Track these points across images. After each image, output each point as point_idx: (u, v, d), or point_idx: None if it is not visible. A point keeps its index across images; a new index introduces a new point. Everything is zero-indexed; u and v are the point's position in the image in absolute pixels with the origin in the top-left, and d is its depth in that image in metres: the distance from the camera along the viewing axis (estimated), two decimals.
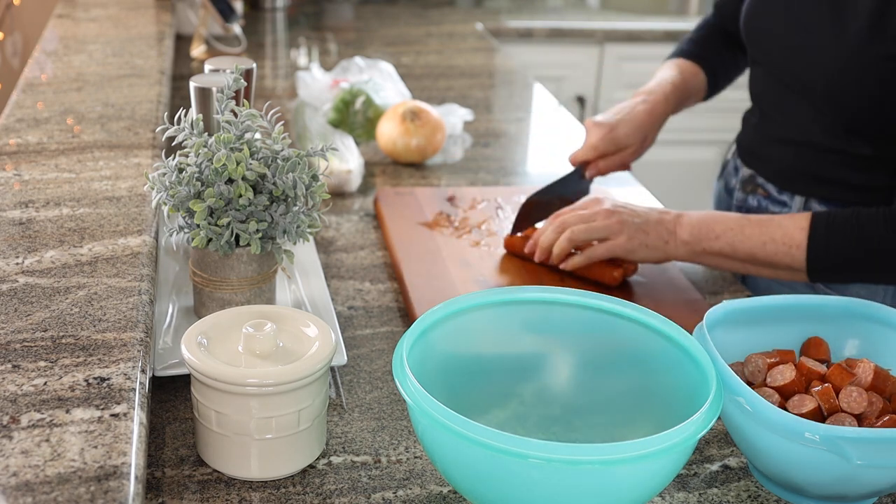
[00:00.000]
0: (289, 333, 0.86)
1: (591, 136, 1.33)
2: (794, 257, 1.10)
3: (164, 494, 0.81)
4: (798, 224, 1.11)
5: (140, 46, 1.75)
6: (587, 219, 1.16)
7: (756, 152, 1.36)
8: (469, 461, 0.72)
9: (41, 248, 0.97)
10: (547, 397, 0.90)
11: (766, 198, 1.34)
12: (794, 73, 1.24)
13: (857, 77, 1.15)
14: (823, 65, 1.18)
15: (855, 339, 0.94)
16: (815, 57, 1.19)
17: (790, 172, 1.30)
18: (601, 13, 3.02)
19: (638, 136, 1.34)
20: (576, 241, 1.15)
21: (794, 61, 1.24)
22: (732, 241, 1.12)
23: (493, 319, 0.89)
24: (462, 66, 2.21)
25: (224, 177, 0.94)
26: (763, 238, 1.11)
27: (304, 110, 1.65)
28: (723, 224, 1.13)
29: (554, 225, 1.18)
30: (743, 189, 1.39)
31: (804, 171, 1.28)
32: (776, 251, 1.11)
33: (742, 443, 0.83)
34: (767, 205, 1.34)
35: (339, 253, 1.26)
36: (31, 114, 1.35)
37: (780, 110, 1.30)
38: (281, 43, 2.40)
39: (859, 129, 1.20)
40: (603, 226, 1.14)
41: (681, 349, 0.83)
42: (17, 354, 0.80)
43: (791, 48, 1.24)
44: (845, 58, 1.16)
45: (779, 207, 1.32)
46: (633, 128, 1.33)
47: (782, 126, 1.30)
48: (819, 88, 1.20)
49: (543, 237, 1.18)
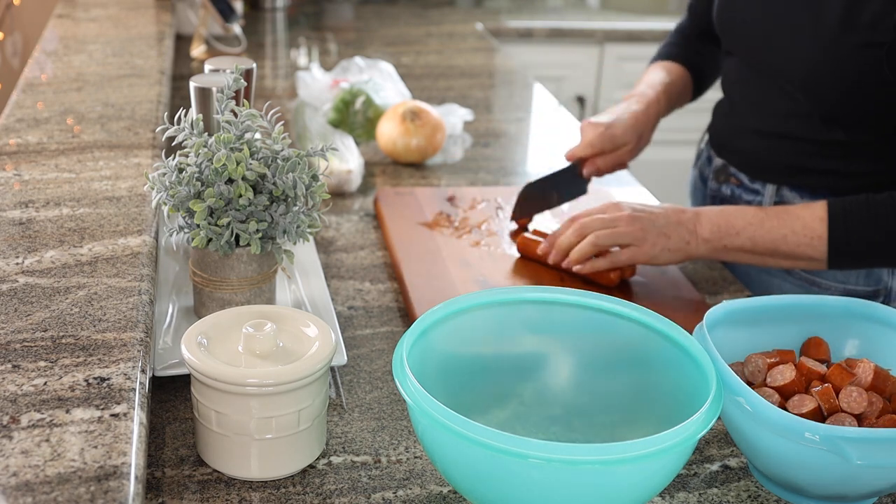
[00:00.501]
0: (289, 333, 0.86)
1: (586, 134, 1.33)
2: (815, 248, 1.12)
3: (164, 494, 0.81)
4: (816, 214, 1.12)
5: (140, 46, 1.75)
6: (609, 224, 1.15)
7: (728, 143, 1.38)
8: (469, 461, 0.72)
9: (41, 248, 0.97)
10: (547, 397, 0.90)
11: (738, 186, 1.36)
12: (770, 63, 1.25)
13: (835, 66, 1.16)
14: (800, 54, 1.19)
15: (855, 339, 0.94)
16: (791, 46, 1.20)
17: (763, 162, 1.31)
18: (601, 13, 3.02)
19: (633, 135, 1.34)
20: (600, 246, 1.14)
21: (769, 52, 1.24)
22: (753, 236, 1.13)
23: (493, 319, 0.89)
24: (462, 66, 2.21)
25: (224, 177, 0.94)
26: (783, 231, 1.12)
27: (304, 110, 1.65)
28: (742, 219, 1.14)
29: (573, 228, 1.17)
30: (716, 179, 1.40)
31: (777, 160, 1.29)
32: (798, 243, 1.12)
33: (742, 443, 0.83)
34: (741, 193, 1.35)
35: (339, 253, 1.26)
36: (31, 114, 1.35)
37: (752, 101, 1.31)
38: (281, 43, 2.40)
39: (836, 117, 1.20)
40: (627, 232, 1.13)
41: (681, 349, 0.83)
42: (17, 354, 0.80)
43: (767, 38, 1.24)
44: (822, 47, 1.16)
45: (752, 196, 1.33)
46: (629, 126, 1.33)
47: (754, 116, 1.31)
48: (796, 78, 1.20)
49: (562, 239, 1.17)
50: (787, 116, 1.25)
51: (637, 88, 1.43)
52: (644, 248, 1.14)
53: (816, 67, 1.17)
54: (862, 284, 1.26)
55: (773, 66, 1.25)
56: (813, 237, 1.12)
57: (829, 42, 1.15)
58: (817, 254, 1.12)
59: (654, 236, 1.13)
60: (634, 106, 1.36)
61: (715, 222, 1.14)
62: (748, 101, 1.32)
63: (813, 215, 1.12)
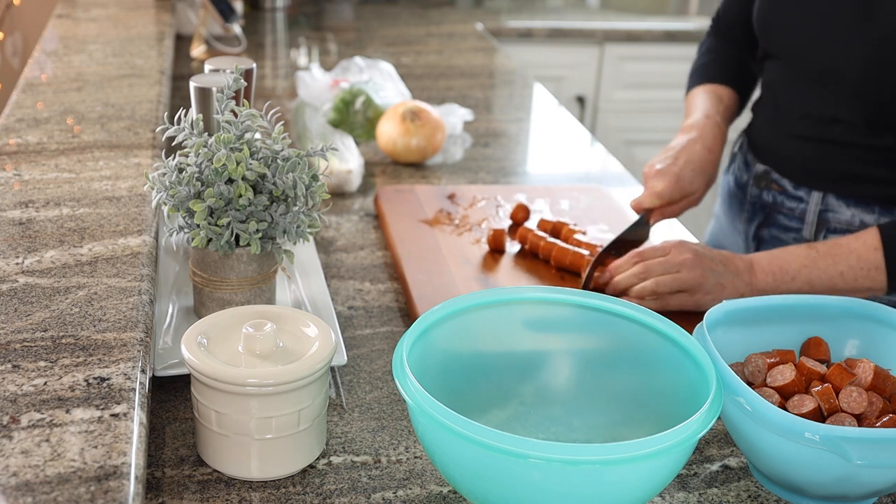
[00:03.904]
0: (289, 333, 0.86)
1: (655, 184, 1.24)
2: (874, 279, 1.10)
3: (164, 494, 0.81)
4: (869, 245, 1.09)
5: (140, 46, 1.75)
6: (672, 269, 1.09)
7: (770, 147, 1.34)
8: (469, 461, 0.72)
9: (41, 248, 0.97)
10: (547, 397, 0.90)
11: (781, 193, 1.32)
12: (818, 64, 1.21)
13: (887, 65, 1.13)
14: (852, 53, 1.15)
15: (855, 339, 0.94)
16: (842, 46, 1.17)
17: (808, 168, 1.28)
18: (601, 13, 3.02)
19: (703, 180, 1.26)
20: (660, 291, 1.09)
21: (818, 52, 1.21)
22: (810, 278, 1.10)
23: (494, 319, 0.89)
24: (462, 66, 2.21)
25: (224, 177, 0.94)
26: (839, 268, 1.10)
27: (304, 110, 1.65)
28: (795, 262, 1.10)
29: (637, 269, 1.11)
30: (757, 185, 1.37)
31: (822, 166, 1.26)
32: (855, 277, 1.10)
33: (742, 443, 0.83)
34: (783, 200, 1.32)
35: (339, 253, 1.26)
36: (31, 114, 1.35)
37: (798, 104, 1.28)
38: (281, 43, 2.40)
39: (886, 120, 1.17)
40: (688, 279, 1.08)
41: (681, 349, 0.83)
42: (17, 354, 0.80)
43: (813, 39, 1.20)
44: (877, 44, 1.13)
45: (794, 203, 1.31)
46: (698, 172, 1.25)
47: (799, 120, 1.28)
48: (847, 78, 1.17)
49: (622, 277, 1.11)
50: (834, 121, 1.22)
51: (691, 117, 1.35)
52: (697, 297, 1.09)
53: (867, 67, 1.14)
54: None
55: (819, 68, 1.21)
56: (870, 269, 1.09)
57: (881, 40, 1.12)
58: (877, 284, 1.10)
59: (710, 285, 1.09)
60: (698, 145, 1.27)
61: (768, 271, 1.10)
62: (792, 104, 1.28)
63: (866, 246, 1.09)
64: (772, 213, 1.36)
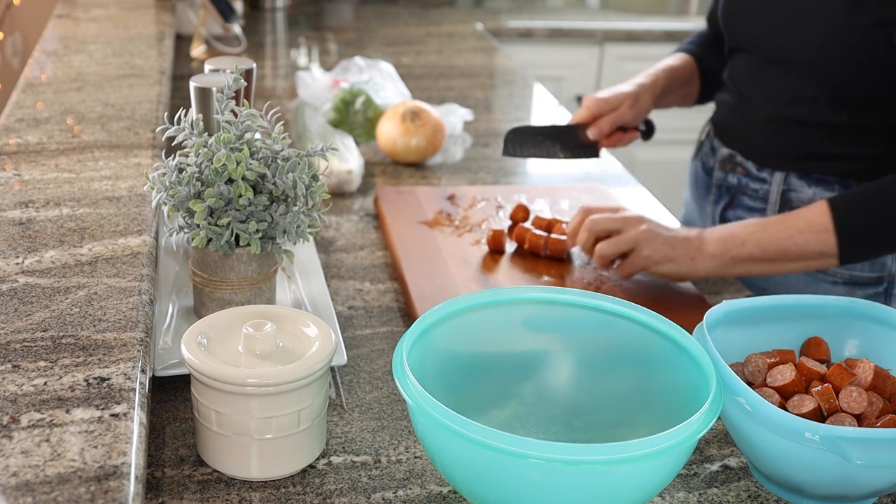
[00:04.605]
0: (289, 333, 0.86)
1: (584, 103, 1.38)
2: (825, 242, 1.11)
3: (164, 494, 0.81)
4: (818, 209, 1.12)
5: (140, 46, 1.75)
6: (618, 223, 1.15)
7: (735, 131, 1.39)
8: (469, 461, 0.72)
9: (41, 248, 0.97)
10: (547, 397, 0.90)
11: (745, 175, 1.36)
12: (779, 48, 1.26)
13: (846, 46, 1.16)
14: (810, 37, 1.19)
15: (855, 339, 0.94)
16: (801, 30, 1.21)
17: (771, 149, 1.32)
18: (601, 13, 3.02)
19: (628, 96, 1.37)
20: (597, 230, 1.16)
21: (778, 37, 1.25)
22: (759, 242, 1.12)
23: (494, 319, 0.89)
24: (462, 66, 2.21)
25: (224, 177, 0.94)
26: (789, 231, 1.11)
27: (304, 110, 1.65)
28: (745, 229, 1.13)
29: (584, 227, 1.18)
30: (722, 168, 1.41)
31: (784, 146, 1.30)
32: (806, 240, 1.11)
33: (742, 443, 0.83)
34: (748, 182, 1.36)
35: (339, 253, 1.26)
36: (31, 114, 1.35)
37: (760, 90, 1.32)
38: (281, 43, 2.40)
39: (844, 99, 1.21)
40: (634, 231, 1.14)
41: (681, 349, 0.83)
42: (17, 354, 0.80)
43: (775, 24, 1.25)
44: (833, 29, 1.17)
45: (759, 184, 1.34)
46: (623, 89, 1.38)
47: (762, 105, 1.32)
48: (807, 61, 1.21)
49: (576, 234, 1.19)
50: (795, 101, 1.26)
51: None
52: (645, 252, 1.13)
53: (825, 49, 1.18)
54: (867, 271, 1.26)
55: (780, 52, 1.25)
56: (820, 231, 1.10)
57: (837, 23, 1.16)
58: (827, 248, 1.11)
59: (658, 244, 1.13)
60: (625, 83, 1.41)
61: (719, 236, 1.13)
62: (755, 90, 1.33)
63: (816, 210, 1.12)
64: (737, 195, 1.39)
